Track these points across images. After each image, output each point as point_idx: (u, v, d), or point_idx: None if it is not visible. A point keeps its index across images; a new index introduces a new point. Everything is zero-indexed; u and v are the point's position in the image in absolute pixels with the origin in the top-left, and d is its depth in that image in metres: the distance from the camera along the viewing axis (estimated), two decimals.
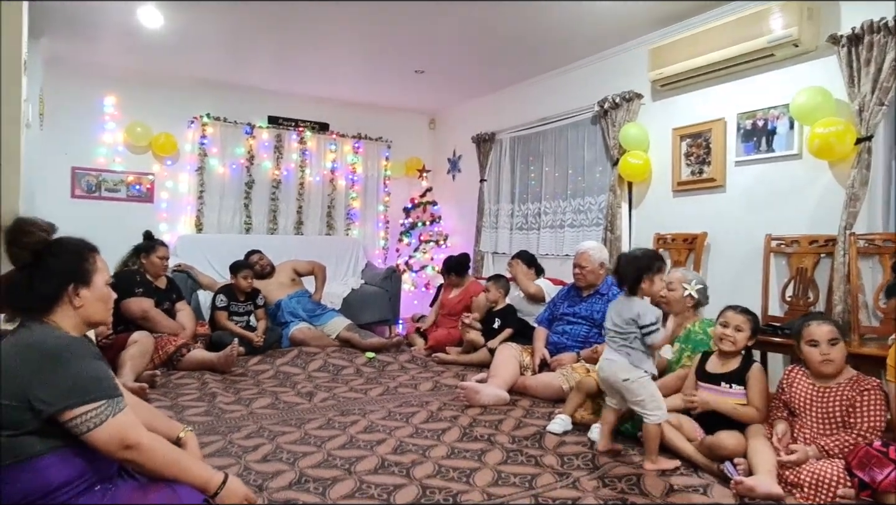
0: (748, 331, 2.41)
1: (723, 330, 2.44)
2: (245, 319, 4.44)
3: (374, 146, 6.57)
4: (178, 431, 1.83)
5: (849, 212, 3.03)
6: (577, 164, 4.92)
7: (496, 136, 5.85)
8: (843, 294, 3.02)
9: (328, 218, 6.31)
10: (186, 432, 1.83)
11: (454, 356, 4.22)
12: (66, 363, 1.44)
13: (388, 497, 1.97)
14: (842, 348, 2.20)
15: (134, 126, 5.29)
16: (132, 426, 1.48)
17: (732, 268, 3.69)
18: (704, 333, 2.65)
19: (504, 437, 2.60)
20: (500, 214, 5.81)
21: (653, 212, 4.27)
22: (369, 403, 3.14)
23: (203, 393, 3.24)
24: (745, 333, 2.41)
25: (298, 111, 6.15)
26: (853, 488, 1.88)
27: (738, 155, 3.66)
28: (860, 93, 3.00)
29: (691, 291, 2.80)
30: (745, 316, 2.44)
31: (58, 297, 1.53)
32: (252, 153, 5.86)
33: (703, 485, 2.11)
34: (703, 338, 2.64)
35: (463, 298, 4.72)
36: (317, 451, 2.39)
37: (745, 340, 2.41)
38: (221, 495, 1.57)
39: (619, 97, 4.33)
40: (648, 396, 2.28)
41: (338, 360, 4.06)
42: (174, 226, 5.55)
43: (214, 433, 2.58)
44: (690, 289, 2.80)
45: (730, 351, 2.42)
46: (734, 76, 3.69)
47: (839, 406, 2.15)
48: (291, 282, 4.94)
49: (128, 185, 5.39)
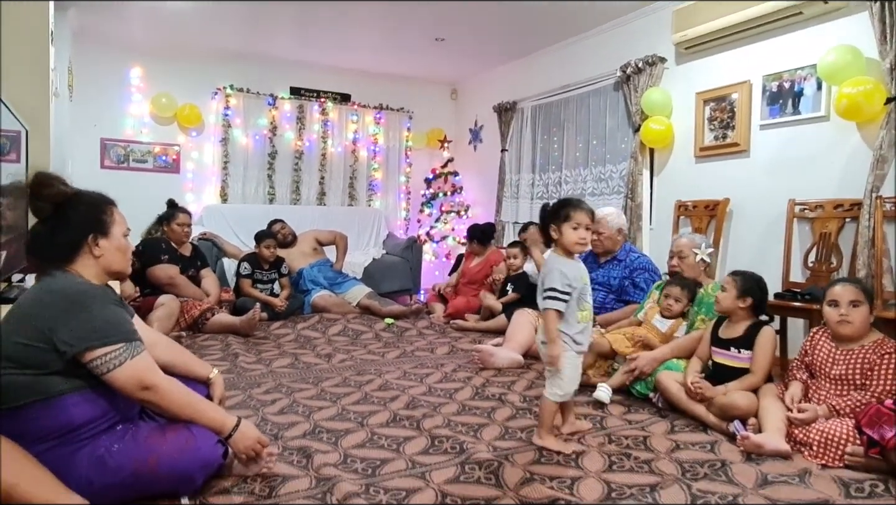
0: (734, 290, 2.39)
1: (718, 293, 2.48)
2: (269, 287, 4.55)
3: (395, 117, 6.57)
4: (209, 371, 1.95)
5: (876, 174, 2.94)
6: (598, 131, 4.85)
7: (517, 105, 5.79)
8: (866, 259, 2.95)
9: (350, 189, 6.36)
10: (215, 374, 1.95)
11: (472, 323, 4.27)
12: (88, 307, 1.51)
13: (397, 447, 2.03)
14: (863, 312, 2.14)
15: (159, 97, 5.39)
16: (150, 369, 1.56)
17: (755, 234, 3.63)
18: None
19: (515, 396, 2.64)
20: (520, 184, 5.78)
21: (674, 179, 4.20)
22: (385, 365, 3.21)
23: (226, 353, 3.34)
24: (731, 293, 2.40)
25: (320, 82, 6.18)
26: (862, 446, 1.86)
27: (762, 118, 3.56)
28: (892, 50, 2.88)
29: (703, 255, 2.77)
30: (731, 277, 2.45)
31: (78, 246, 1.60)
32: (275, 124, 5.93)
33: (711, 442, 2.11)
34: None
35: (483, 267, 4.74)
36: (331, 405, 2.47)
37: (732, 299, 2.39)
38: (235, 437, 1.65)
39: (642, 62, 4.23)
40: (566, 372, 2.05)
41: (357, 325, 4.14)
42: (200, 196, 5.67)
43: (235, 388, 2.67)
44: (702, 254, 2.77)
45: (719, 312, 2.46)
46: (760, 36, 3.57)
47: (859, 368, 2.12)
48: (313, 251, 5.03)
49: (155, 157, 5.52)
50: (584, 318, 2.07)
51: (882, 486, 1.76)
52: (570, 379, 2.06)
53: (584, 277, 2.09)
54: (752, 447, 1.96)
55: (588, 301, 2.09)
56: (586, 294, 2.09)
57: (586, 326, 2.08)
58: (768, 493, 1.73)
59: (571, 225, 2.04)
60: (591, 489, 1.74)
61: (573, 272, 2.04)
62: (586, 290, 2.09)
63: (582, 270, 2.10)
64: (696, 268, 2.82)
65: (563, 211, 2.05)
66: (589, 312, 2.09)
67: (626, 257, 3.48)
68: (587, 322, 2.09)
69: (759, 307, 2.42)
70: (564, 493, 1.70)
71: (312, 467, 1.82)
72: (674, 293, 2.78)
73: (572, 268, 2.06)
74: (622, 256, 3.50)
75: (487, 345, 3.35)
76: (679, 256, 2.82)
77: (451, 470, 1.84)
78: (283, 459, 1.87)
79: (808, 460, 1.95)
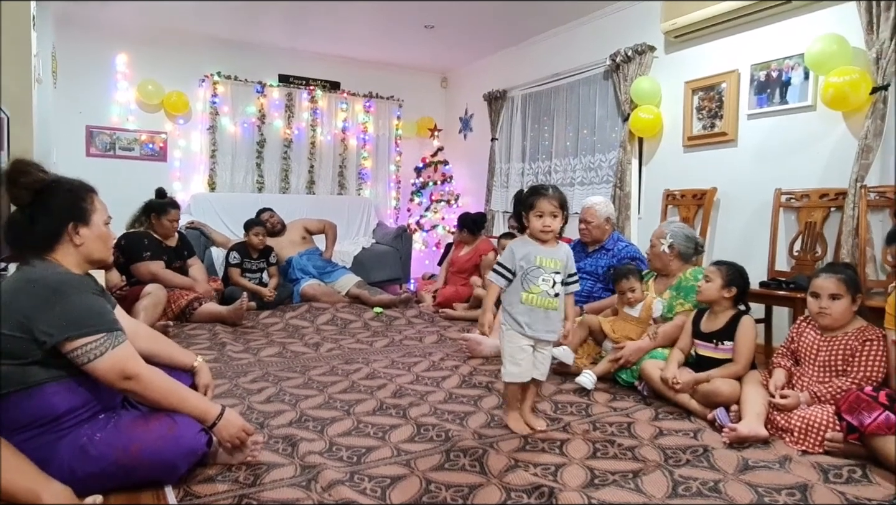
0: (719, 280, 2.40)
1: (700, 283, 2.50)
2: (258, 276, 4.53)
3: (385, 105, 6.52)
4: (193, 360, 1.93)
5: (861, 164, 2.96)
6: (588, 120, 4.85)
7: (507, 93, 5.77)
8: (850, 248, 2.97)
9: (340, 178, 6.32)
10: (199, 362, 1.94)
11: (461, 312, 4.28)
12: (67, 297, 1.50)
13: (383, 435, 2.03)
14: (842, 305, 2.13)
15: (145, 84, 5.32)
16: (131, 358, 1.55)
17: (741, 223, 3.65)
18: (696, 280, 2.63)
19: (502, 384, 2.65)
20: (510, 173, 5.77)
21: (663, 168, 4.21)
22: (373, 354, 3.21)
23: (213, 342, 3.34)
24: (715, 283, 2.41)
25: (309, 70, 6.12)
26: (841, 432, 1.89)
27: (750, 108, 3.57)
28: (878, 39, 2.89)
29: (664, 246, 2.79)
30: (715, 266, 2.46)
31: (58, 235, 1.58)
32: (263, 112, 5.87)
33: (694, 429, 2.14)
34: (694, 284, 2.63)
35: (473, 256, 4.74)
36: (318, 394, 2.47)
37: (717, 289, 2.40)
38: (219, 426, 1.65)
39: (632, 50, 4.22)
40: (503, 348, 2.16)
41: (346, 314, 4.14)
42: (187, 184, 5.62)
43: (222, 377, 2.67)
44: (664, 244, 2.79)
45: (701, 301, 2.48)
46: (749, 26, 3.57)
47: (841, 355, 2.14)
48: (302, 240, 5.01)
49: (141, 144, 5.45)
50: (529, 300, 2.07)
51: (860, 471, 1.79)
52: (510, 358, 2.10)
53: (540, 259, 2.08)
54: (735, 439, 1.97)
55: (539, 284, 2.07)
56: (537, 276, 2.07)
57: (531, 310, 2.07)
58: (748, 478, 1.75)
59: (536, 213, 2.09)
60: (574, 476, 1.76)
61: (522, 251, 2.09)
62: (539, 272, 2.07)
63: (542, 251, 2.09)
64: (663, 257, 2.83)
65: (530, 199, 2.11)
66: (538, 297, 2.07)
67: (614, 246, 3.49)
68: (533, 306, 2.07)
69: (740, 298, 2.43)
70: (548, 479, 1.72)
71: (298, 455, 1.82)
72: (625, 287, 2.82)
73: (524, 247, 2.10)
74: (610, 246, 3.51)
75: (475, 334, 3.36)
76: (650, 245, 2.86)
77: (436, 457, 1.85)
78: (268, 447, 1.88)
79: (789, 446, 1.98)
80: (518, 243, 2.14)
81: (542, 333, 2.11)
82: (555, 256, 2.11)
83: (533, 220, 2.10)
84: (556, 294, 2.09)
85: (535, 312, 2.08)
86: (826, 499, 1.63)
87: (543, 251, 2.10)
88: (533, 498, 1.60)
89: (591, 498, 1.61)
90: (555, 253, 2.11)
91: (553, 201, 2.07)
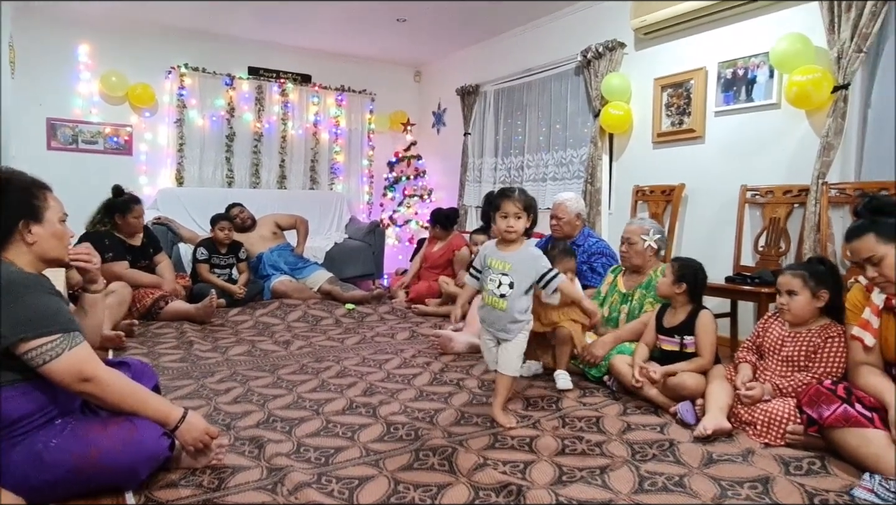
0: (671, 276, 2.47)
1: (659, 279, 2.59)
2: (227, 271, 4.45)
3: (357, 99, 6.46)
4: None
5: (822, 161, 3.03)
6: (559, 116, 4.87)
7: (480, 88, 5.77)
8: (812, 243, 3.04)
9: (311, 172, 6.25)
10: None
11: (434, 308, 4.27)
12: (21, 297, 1.45)
13: (352, 435, 2.02)
14: (799, 301, 2.16)
15: (109, 76, 5.17)
16: (89, 360, 1.51)
17: (709, 219, 3.71)
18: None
19: (473, 381, 2.66)
20: (483, 168, 5.78)
21: (633, 164, 4.25)
22: (344, 351, 3.18)
23: (180, 341, 3.27)
24: (667, 279, 2.48)
25: (279, 62, 6.02)
26: (802, 425, 1.94)
27: (717, 105, 3.63)
28: (839, 39, 2.95)
29: (650, 242, 2.79)
30: (670, 262, 2.56)
31: (9, 233, 1.53)
32: (232, 105, 5.76)
33: (661, 424, 2.17)
34: None
35: (445, 251, 4.73)
36: (287, 393, 2.44)
37: (668, 285, 2.47)
38: (181, 429, 1.61)
39: (603, 46, 4.25)
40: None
41: (318, 311, 4.09)
42: (154, 179, 5.49)
43: (188, 378, 2.62)
44: (650, 240, 2.79)
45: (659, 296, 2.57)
46: (717, 24, 3.62)
47: (804, 350, 2.18)
48: (273, 235, 4.94)
49: (105, 137, 5.31)
50: (484, 298, 2.23)
51: (819, 463, 1.84)
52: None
53: (491, 260, 2.20)
54: (702, 433, 2.00)
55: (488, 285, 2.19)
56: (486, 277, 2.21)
57: (487, 308, 2.21)
58: (713, 472, 1.78)
59: (501, 214, 2.18)
60: (543, 473, 1.76)
61: (483, 253, 2.27)
62: (488, 272, 2.20)
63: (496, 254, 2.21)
64: (643, 254, 2.81)
65: (495, 201, 2.20)
66: (488, 296, 2.19)
67: (585, 242, 3.51)
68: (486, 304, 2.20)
69: (693, 293, 2.47)
70: (516, 477, 1.72)
71: (264, 458, 1.79)
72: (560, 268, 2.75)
73: (484, 250, 2.27)
74: (581, 241, 3.53)
75: (447, 330, 3.36)
76: (628, 241, 2.83)
77: (405, 457, 1.84)
78: (234, 449, 1.85)
79: (752, 439, 2.02)
80: (486, 245, 2.29)
81: (496, 332, 2.22)
82: (505, 258, 2.19)
83: (498, 220, 2.19)
84: (503, 295, 2.16)
85: (491, 311, 2.21)
86: (786, 491, 1.67)
87: (496, 253, 2.22)
88: (501, 497, 1.60)
89: (559, 495, 1.61)
90: (507, 256, 2.19)
91: (518, 203, 2.16)
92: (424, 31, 5.42)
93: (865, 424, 1.79)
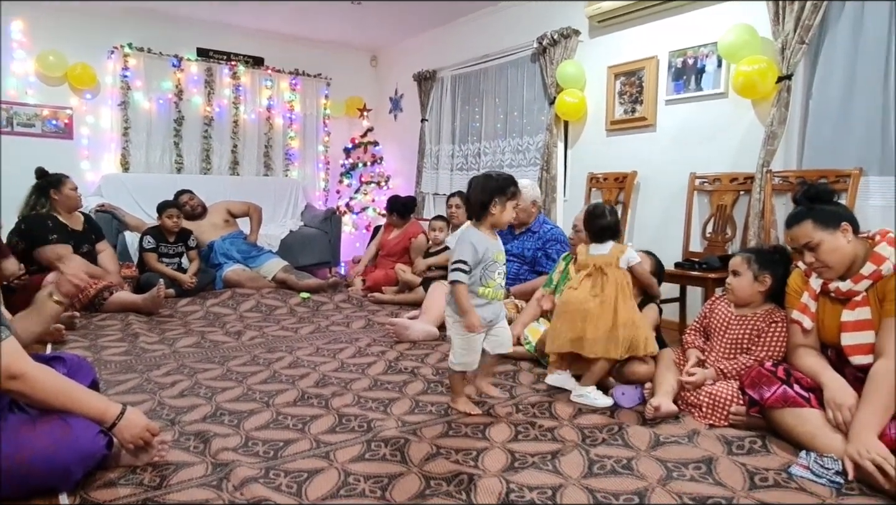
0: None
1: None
2: (176, 260, 4.31)
3: (312, 83, 6.32)
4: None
5: (767, 150, 3.12)
6: (516, 103, 4.87)
7: (437, 74, 5.71)
8: (757, 230, 3.14)
9: (265, 158, 6.10)
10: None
11: (390, 296, 4.24)
12: None
13: (303, 427, 1.98)
14: (741, 281, 2.23)
15: (46, 55, 4.90)
16: (17, 356, 1.43)
17: (660, 206, 3.78)
18: None
19: (428, 369, 2.65)
20: (440, 155, 5.74)
21: (587, 151, 4.29)
22: (298, 341, 3.13)
23: (125, 334, 3.15)
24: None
25: (230, 44, 5.83)
26: (744, 406, 2.00)
27: (668, 94, 3.69)
28: (783, 31, 3.03)
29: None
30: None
31: None
32: (181, 88, 5.55)
33: (612, 409, 2.20)
34: None
35: (402, 239, 4.69)
36: (236, 386, 2.38)
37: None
38: (119, 427, 1.55)
39: (558, 34, 4.26)
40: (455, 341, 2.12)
41: (271, 300, 4.01)
42: (97, 164, 5.26)
43: (131, 371, 2.52)
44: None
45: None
46: (668, 13, 3.68)
47: (748, 334, 2.24)
48: (225, 223, 4.81)
49: (43, 120, 5.04)
50: (487, 294, 2.08)
51: (760, 442, 1.90)
52: (460, 350, 2.09)
53: (496, 254, 2.08)
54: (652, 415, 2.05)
55: (495, 278, 2.08)
56: (493, 270, 2.08)
57: (489, 303, 2.09)
58: (659, 453, 1.82)
59: (514, 203, 2.06)
60: (495, 460, 1.77)
61: (483, 246, 2.04)
62: (495, 266, 2.08)
63: (496, 246, 2.09)
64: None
65: (512, 189, 2.04)
66: (493, 290, 2.09)
67: (540, 229, 3.54)
68: (489, 298, 2.08)
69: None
70: (469, 465, 1.72)
71: (210, 453, 1.74)
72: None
73: (483, 242, 2.05)
74: (536, 228, 3.55)
75: (403, 318, 3.34)
76: (575, 228, 2.88)
77: (356, 448, 1.81)
78: (178, 445, 1.79)
79: (698, 421, 2.07)
80: (475, 238, 2.05)
81: (495, 322, 2.14)
82: (501, 249, 2.12)
83: (509, 209, 2.05)
84: (502, 284, 2.12)
85: (490, 305, 2.09)
86: (729, 471, 1.72)
87: (496, 246, 2.09)
88: (452, 486, 1.60)
89: (510, 481, 1.62)
90: (498, 244, 2.11)
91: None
92: (381, 14, 5.32)
93: (802, 403, 1.86)
